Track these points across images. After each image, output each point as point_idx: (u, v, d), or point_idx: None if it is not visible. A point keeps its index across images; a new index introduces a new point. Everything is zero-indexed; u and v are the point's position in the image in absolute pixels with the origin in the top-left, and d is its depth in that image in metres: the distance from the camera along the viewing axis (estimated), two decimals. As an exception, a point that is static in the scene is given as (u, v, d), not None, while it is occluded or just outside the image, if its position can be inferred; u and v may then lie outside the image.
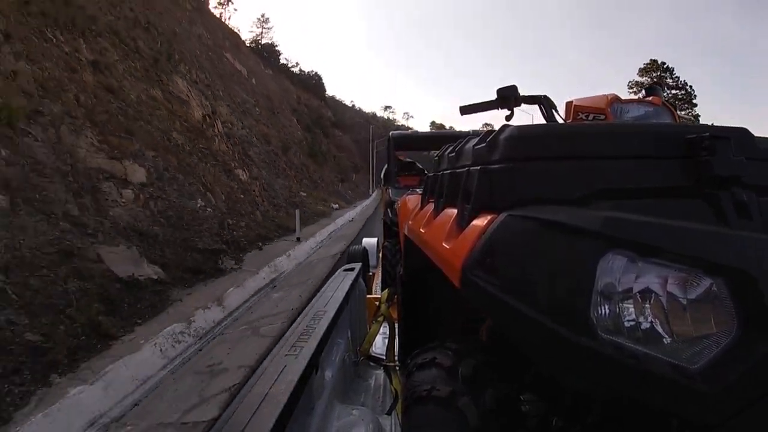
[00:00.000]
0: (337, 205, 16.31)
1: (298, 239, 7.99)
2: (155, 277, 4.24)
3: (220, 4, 27.19)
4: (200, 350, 3.17)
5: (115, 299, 3.52)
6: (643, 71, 25.17)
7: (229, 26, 26.61)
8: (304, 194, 14.91)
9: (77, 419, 2.13)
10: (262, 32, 33.20)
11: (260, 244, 7.16)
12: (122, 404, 2.39)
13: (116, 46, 9.10)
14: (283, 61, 33.75)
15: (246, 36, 29.92)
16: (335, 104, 45.42)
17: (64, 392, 2.26)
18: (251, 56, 25.93)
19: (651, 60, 25.20)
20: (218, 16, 25.43)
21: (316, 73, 38.89)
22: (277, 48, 33.37)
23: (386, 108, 68.55)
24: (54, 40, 7.08)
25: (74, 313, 3.03)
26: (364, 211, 15.37)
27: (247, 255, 6.29)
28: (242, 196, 9.60)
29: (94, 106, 6.67)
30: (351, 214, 13.72)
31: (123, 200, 5.47)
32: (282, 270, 5.80)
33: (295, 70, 35.55)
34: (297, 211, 8.76)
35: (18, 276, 3.12)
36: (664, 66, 24.86)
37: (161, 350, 2.94)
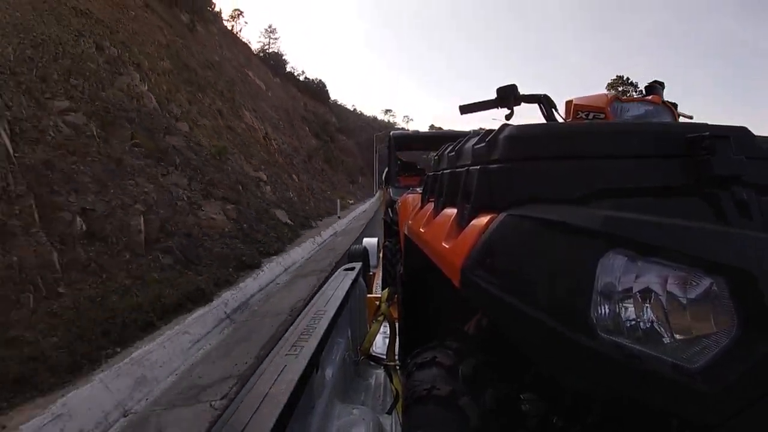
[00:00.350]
0: (352, 201, 22.05)
1: (339, 217, 14.09)
2: (292, 223, 10.00)
3: (231, 17, 27.22)
4: (320, 249, 8.63)
5: (286, 228, 9.09)
6: (610, 86, 26.73)
7: (242, 39, 26.77)
8: (329, 192, 19.97)
9: (300, 255, 7.67)
10: (269, 42, 33.25)
11: (320, 218, 13.26)
12: (306, 255, 7.82)
13: (215, 93, 13.49)
14: (289, 69, 33.84)
15: (254, 46, 30.01)
16: (338, 109, 46.03)
17: (292, 249, 7.67)
18: (261, 67, 26.62)
19: (617, 76, 27.01)
20: (230, 28, 25.42)
21: (320, 80, 39.38)
22: (284, 57, 33.51)
23: (386, 111, 70.29)
24: (200, 98, 11.60)
25: (279, 230, 8.57)
26: (372, 206, 20.67)
27: (317, 222, 12.08)
28: (302, 192, 15.29)
29: (233, 139, 11.84)
30: (363, 207, 20.10)
31: (268, 191, 11.06)
32: (337, 229, 11.67)
33: (301, 78, 35.71)
34: (338, 201, 15.80)
35: (258, 217, 8.32)
36: (628, 80, 25.95)
37: (311, 244, 8.55)
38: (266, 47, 32.53)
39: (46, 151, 4.48)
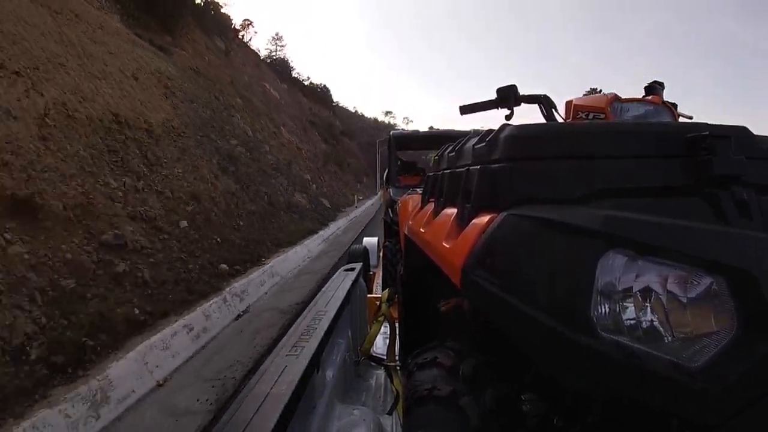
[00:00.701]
0: (362, 197, 26.09)
1: (356, 207, 18.46)
2: (331, 208, 14.43)
3: (241, 26, 27.29)
4: (351, 222, 13.88)
5: (330, 210, 14.06)
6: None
7: (252, 48, 26.93)
8: (344, 190, 23.84)
9: (343, 222, 13.02)
10: (276, 49, 33.20)
11: (344, 207, 17.42)
12: (347, 223, 13.24)
13: (266, 117, 16.46)
14: (294, 74, 33.86)
15: (261, 54, 30.07)
16: (340, 112, 46.59)
17: (338, 220, 12.92)
18: (269, 74, 27.62)
19: (591, 88, 27.52)
20: (240, 38, 25.45)
21: (324, 85, 39.65)
22: (290, 63, 33.45)
23: (387, 113, 71.81)
24: (262, 124, 14.78)
25: (327, 210, 13.68)
26: (377, 202, 25.33)
27: (344, 209, 16.50)
28: (330, 188, 19.36)
29: (287, 153, 15.20)
30: (370, 201, 24.47)
31: (314, 188, 14.97)
32: (357, 213, 15.85)
33: (306, 83, 35.83)
34: (355, 196, 21.09)
35: (316, 202, 13.62)
36: (601, 92, 26.74)
37: (345, 221, 13.35)
38: (273, 54, 32.60)
39: (246, 168, 9.27)
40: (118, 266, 3.72)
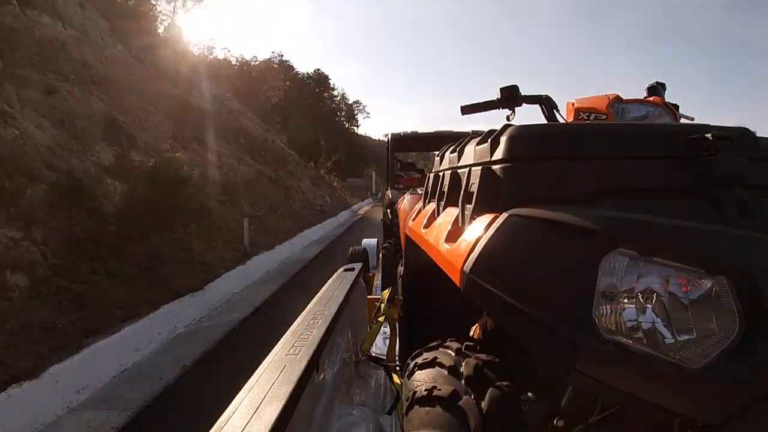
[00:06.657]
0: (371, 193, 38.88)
1: (367, 196, 30.45)
2: (359, 197, 30.39)
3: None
4: (374, 203, 27.25)
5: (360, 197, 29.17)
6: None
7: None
8: (364, 190, 35.10)
9: (369, 200, 29.54)
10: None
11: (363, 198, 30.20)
12: (363, 206, 26.10)
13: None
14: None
15: None
16: (359, 140, 53.70)
17: (367, 198, 30.74)
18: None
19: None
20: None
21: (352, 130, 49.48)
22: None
23: (385, 135, 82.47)
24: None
25: (361, 196, 30.88)
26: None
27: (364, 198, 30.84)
28: (357, 191, 30.12)
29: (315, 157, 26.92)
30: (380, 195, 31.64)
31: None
32: (372, 202, 28.50)
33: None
34: (368, 191, 32.83)
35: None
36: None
37: (364, 204, 27.34)
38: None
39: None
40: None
